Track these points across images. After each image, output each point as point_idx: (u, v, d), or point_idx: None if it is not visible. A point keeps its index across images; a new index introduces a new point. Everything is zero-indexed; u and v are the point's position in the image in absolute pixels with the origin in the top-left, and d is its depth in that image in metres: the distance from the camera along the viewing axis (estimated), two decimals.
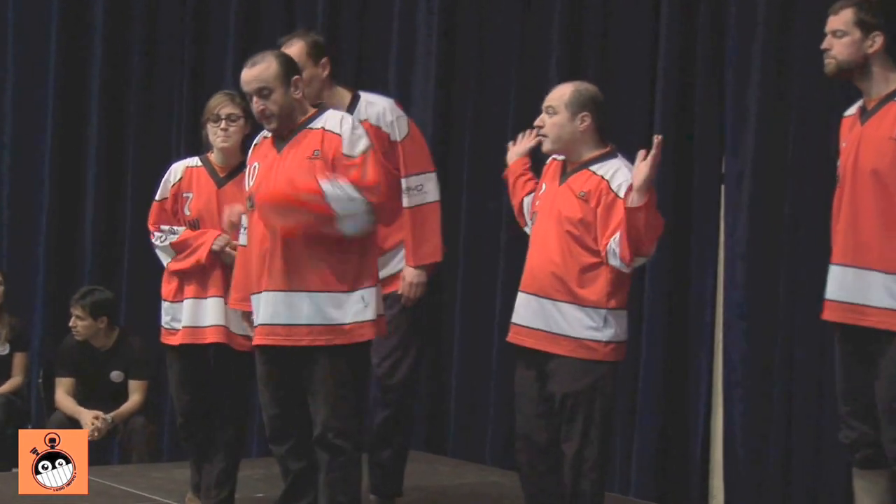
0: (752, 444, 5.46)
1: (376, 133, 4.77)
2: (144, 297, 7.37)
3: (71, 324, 6.55)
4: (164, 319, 5.02)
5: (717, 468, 5.70)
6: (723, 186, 5.65)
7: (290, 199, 4.26)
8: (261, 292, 4.41)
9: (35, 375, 7.00)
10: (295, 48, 4.77)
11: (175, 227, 4.97)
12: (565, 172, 4.46)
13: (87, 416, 6.43)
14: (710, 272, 5.70)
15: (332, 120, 4.41)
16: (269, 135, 4.49)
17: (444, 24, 6.57)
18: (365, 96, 4.93)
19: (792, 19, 5.38)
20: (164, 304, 5.02)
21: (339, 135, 4.34)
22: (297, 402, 4.43)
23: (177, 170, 5.04)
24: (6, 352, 6.81)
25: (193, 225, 4.96)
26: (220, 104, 4.93)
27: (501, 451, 6.25)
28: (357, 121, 4.49)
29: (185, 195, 4.98)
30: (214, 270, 4.90)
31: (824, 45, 4.35)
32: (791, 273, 5.38)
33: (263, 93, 4.37)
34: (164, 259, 5.01)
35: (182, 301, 4.95)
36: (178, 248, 4.93)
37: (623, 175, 4.34)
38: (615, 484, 5.77)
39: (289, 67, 4.42)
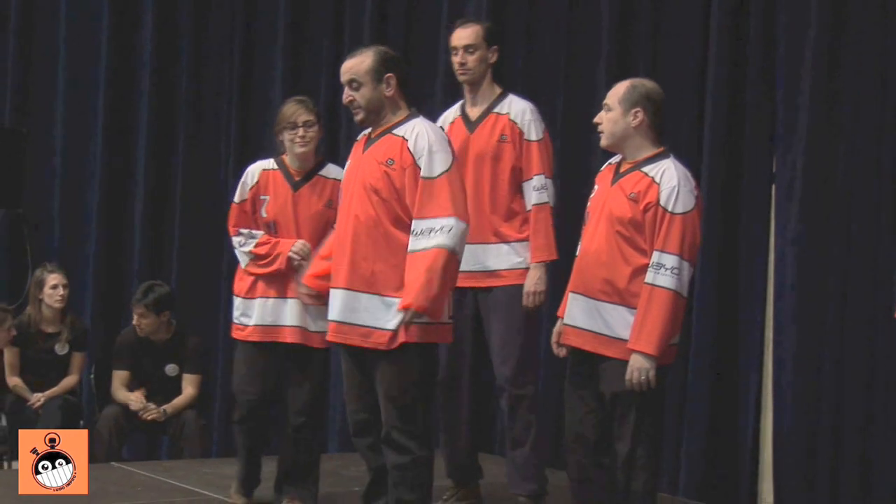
0: (802, 445, 5.43)
1: (512, 128, 4.99)
2: (192, 295, 7.45)
3: (135, 322, 6.63)
4: (235, 314, 5.10)
5: (766, 470, 5.67)
6: (773, 186, 5.63)
7: (432, 285, 4.29)
8: (336, 288, 4.47)
9: (87, 372, 7.08)
10: (471, 30, 5.02)
11: (254, 231, 5.07)
12: (618, 173, 4.46)
13: (133, 397, 6.53)
14: (760, 272, 5.68)
15: (414, 133, 4.40)
16: (367, 132, 4.54)
17: (493, 20, 6.58)
18: (511, 95, 5.08)
19: (844, 19, 5.35)
20: (237, 300, 5.10)
21: (414, 154, 4.36)
22: (376, 399, 4.45)
23: (254, 172, 5.12)
24: (65, 351, 6.89)
25: (269, 226, 5.05)
26: (296, 112, 5.03)
27: (549, 450, 6.25)
28: (441, 135, 4.47)
29: (261, 198, 5.07)
30: (292, 274, 5.00)
31: None
32: (842, 273, 5.35)
33: (353, 85, 4.45)
34: (243, 261, 5.10)
35: (255, 298, 5.03)
36: (259, 258, 5.03)
37: (671, 179, 4.33)
38: (664, 484, 5.74)
39: (383, 64, 4.44)
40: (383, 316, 4.36)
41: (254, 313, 5.02)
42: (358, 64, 4.45)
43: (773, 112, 5.59)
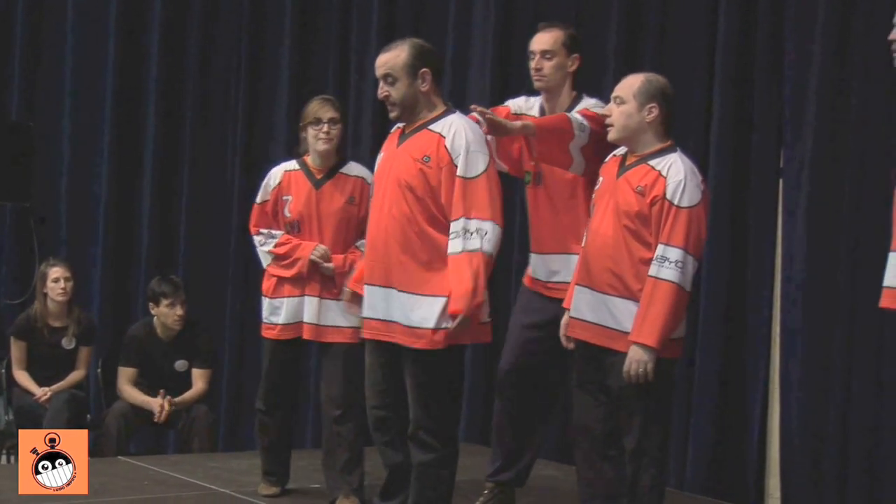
0: (810, 442, 5.42)
1: (598, 120, 4.73)
2: (199, 291, 7.45)
3: (178, 314, 6.62)
4: (264, 314, 5.20)
5: (773, 466, 5.67)
6: (781, 180, 5.61)
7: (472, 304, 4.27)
8: (371, 285, 4.46)
9: (94, 367, 7.08)
10: (550, 35, 4.86)
11: (273, 231, 5.14)
12: (623, 166, 4.45)
13: (155, 403, 6.53)
14: (767, 268, 5.67)
15: (451, 130, 4.36)
16: (400, 126, 4.50)
17: (500, 21, 6.58)
18: (586, 97, 4.90)
19: (852, 10, 5.33)
20: (265, 301, 5.19)
21: (451, 153, 4.32)
22: (398, 396, 4.44)
23: (276, 174, 5.18)
24: (72, 346, 6.90)
25: (293, 226, 5.11)
26: (321, 109, 5.07)
27: (554, 444, 6.25)
28: (479, 133, 4.41)
29: (284, 198, 5.12)
30: (314, 275, 5.08)
31: None
32: (850, 269, 5.33)
33: (388, 80, 4.40)
34: (264, 261, 5.18)
35: (283, 298, 5.12)
36: (279, 258, 5.12)
37: (678, 173, 4.32)
38: (671, 479, 5.74)
39: (419, 59, 4.39)
40: (421, 315, 4.33)
41: (282, 312, 5.11)
42: (393, 58, 4.39)
43: (781, 105, 5.57)
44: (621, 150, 4.50)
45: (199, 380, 6.69)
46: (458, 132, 4.34)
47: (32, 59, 8.12)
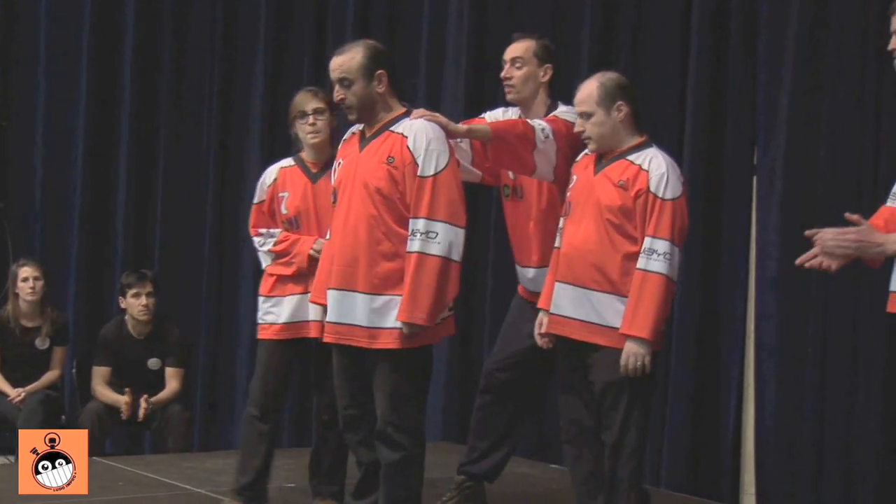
0: (785, 437, 5.44)
1: (566, 126, 4.67)
2: (175, 289, 7.43)
3: (143, 304, 6.59)
4: (260, 314, 5.01)
5: (748, 461, 5.69)
6: (755, 178, 5.63)
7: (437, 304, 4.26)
8: (331, 289, 4.43)
9: (69, 366, 7.06)
10: (521, 45, 4.81)
11: (272, 231, 5.00)
12: (600, 163, 4.45)
13: (122, 400, 6.51)
14: (741, 264, 5.69)
15: (413, 130, 4.34)
16: (357, 130, 4.49)
17: (474, 27, 6.58)
18: (561, 105, 4.83)
19: (825, 13, 5.35)
20: (262, 300, 5.00)
21: (413, 152, 4.30)
22: (367, 396, 4.43)
23: (271, 172, 5.05)
24: (46, 346, 6.86)
25: (291, 223, 4.98)
26: (305, 100, 4.95)
27: (532, 442, 6.26)
28: (440, 133, 4.37)
29: (280, 195, 4.99)
30: (315, 272, 4.87)
31: None
32: None
33: (344, 83, 4.38)
34: (265, 261, 5.03)
35: (285, 296, 4.94)
36: (278, 256, 4.97)
37: (660, 166, 4.34)
38: (647, 475, 5.76)
39: (374, 60, 4.37)
40: (383, 316, 4.33)
41: (283, 311, 4.93)
42: (348, 61, 4.38)
43: (754, 103, 5.59)
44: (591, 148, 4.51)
45: (172, 379, 6.67)
46: (419, 132, 4.34)
47: (5, 58, 8.07)
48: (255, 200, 5.07)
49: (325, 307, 4.52)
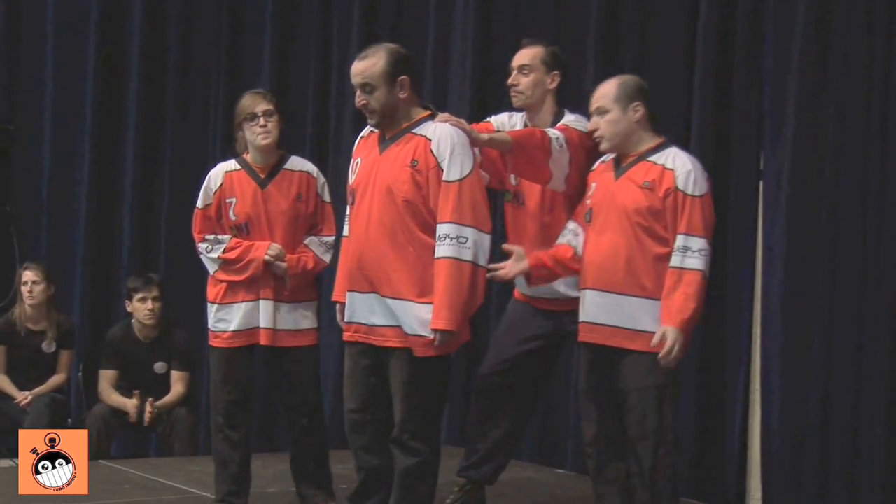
0: (790, 442, 5.43)
1: (579, 136, 4.69)
2: (180, 293, 7.44)
3: (148, 308, 6.59)
4: (211, 322, 4.95)
5: (754, 466, 5.68)
6: (761, 183, 5.63)
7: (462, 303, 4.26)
8: (353, 291, 4.42)
9: (75, 370, 7.07)
10: (529, 51, 4.80)
11: (220, 236, 4.93)
12: (619, 167, 4.43)
13: (130, 404, 6.53)
14: (748, 268, 5.68)
15: (437, 134, 4.31)
16: (374, 130, 4.46)
17: (479, 33, 6.58)
18: (568, 113, 4.85)
19: (831, 13, 5.35)
20: (212, 307, 4.95)
21: (437, 156, 4.28)
22: (376, 400, 4.42)
23: (216, 176, 4.98)
24: (52, 349, 6.88)
25: (240, 229, 4.92)
26: (254, 103, 4.90)
27: (535, 447, 6.27)
28: (464, 137, 4.34)
29: (228, 200, 4.92)
30: (266, 278, 4.88)
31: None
32: (829, 270, 5.35)
33: (366, 89, 4.34)
34: (211, 268, 4.96)
35: (234, 304, 4.90)
36: (229, 263, 4.90)
37: (685, 164, 4.32)
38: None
39: (397, 66, 4.33)
40: (417, 320, 4.29)
41: (234, 318, 4.89)
42: (370, 67, 4.34)
43: (761, 109, 5.59)
44: (609, 156, 4.49)
45: (177, 383, 6.68)
46: (443, 136, 4.30)
47: (12, 60, 8.09)
48: (200, 205, 4.98)
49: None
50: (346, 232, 4.56)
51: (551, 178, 4.61)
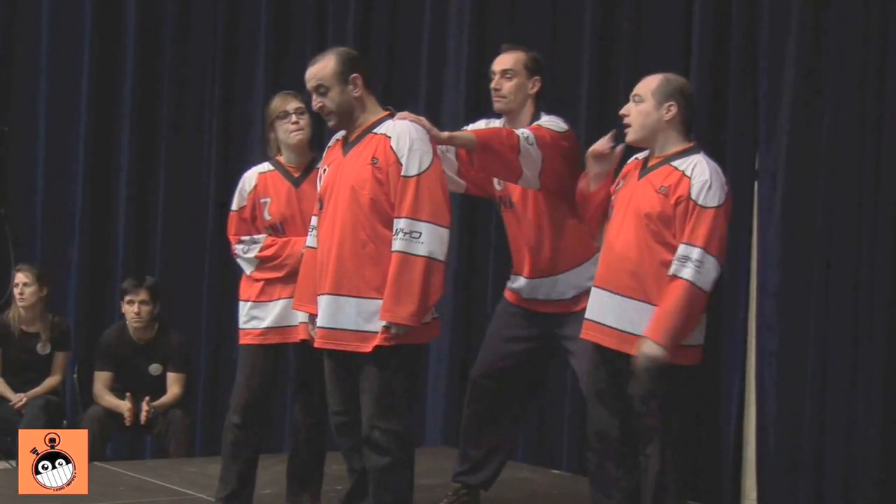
0: (785, 443, 5.44)
1: (552, 135, 4.70)
2: (175, 294, 7.44)
3: (135, 311, 6.59)
4: (243, 321, 4.96)
5: (749, 467, 5.68)
6: (756, 183, 5.64)
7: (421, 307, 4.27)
8: (321, 294, 4.44)
9: (70, 372, 7.07)
10: (511, 56, 4.84)
11: (256, 237, 4.95)
12: (646, 168, 4.41)
13: (124, 406, 6.53)
14: (743, 269, 5.69)
15: (396, 130, 4.36)
16: (340, 137, 4.52)
17: (474, 38, 6.58)
18: (544, 115, 4.85)
19: (826, 14, 5.36)
20: (245, 306, 4.96)
21: (396, 152, 4.32)
22: (356, 401, 4.43)
23: (250, 178, 5.01)
24: (47, 351, 6.87)
25: (276, 229, 4.94)
26: (285, 101, 4.94)
27: (532, 447, 6.27)
28: (423, 133, 4.39)
29: (262, 201, 4.95)
30: None
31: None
32: (824, 270, 5.36)
33: (320, 90, 4.43)
34: (248, 268, 4.97)
35: (271, 301, 4.91)
36: (266, 260, 4.92)
37: (703, 173, 4.29)
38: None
39: (347, 65, 4.42)
40: (371, 320, 4.34)
41: (269, 315, 4.90)
42: (322, 69, 4.43)
43: (756, 110, 5.59)
44: (643, 154, 4.48)
45: (174, 384, 6.69)
46: (402, 132, 4.36)
47: (6, 63, 8.08)
48: (234, 207, 5.01)
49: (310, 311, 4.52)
50: (309, 242, 4.58)
51: (522, 174, 4.62)
